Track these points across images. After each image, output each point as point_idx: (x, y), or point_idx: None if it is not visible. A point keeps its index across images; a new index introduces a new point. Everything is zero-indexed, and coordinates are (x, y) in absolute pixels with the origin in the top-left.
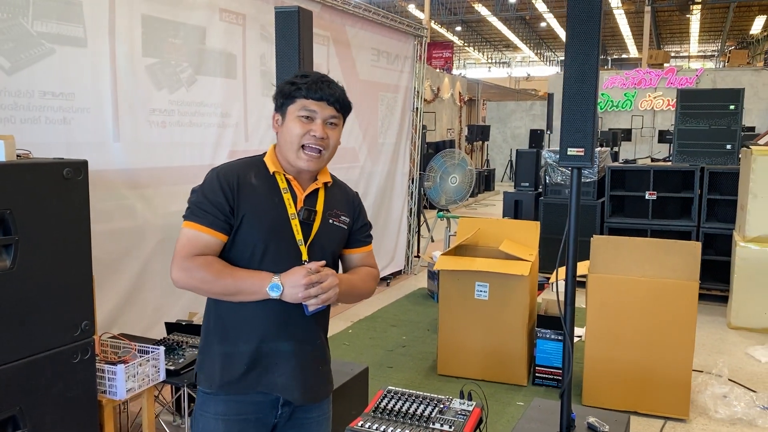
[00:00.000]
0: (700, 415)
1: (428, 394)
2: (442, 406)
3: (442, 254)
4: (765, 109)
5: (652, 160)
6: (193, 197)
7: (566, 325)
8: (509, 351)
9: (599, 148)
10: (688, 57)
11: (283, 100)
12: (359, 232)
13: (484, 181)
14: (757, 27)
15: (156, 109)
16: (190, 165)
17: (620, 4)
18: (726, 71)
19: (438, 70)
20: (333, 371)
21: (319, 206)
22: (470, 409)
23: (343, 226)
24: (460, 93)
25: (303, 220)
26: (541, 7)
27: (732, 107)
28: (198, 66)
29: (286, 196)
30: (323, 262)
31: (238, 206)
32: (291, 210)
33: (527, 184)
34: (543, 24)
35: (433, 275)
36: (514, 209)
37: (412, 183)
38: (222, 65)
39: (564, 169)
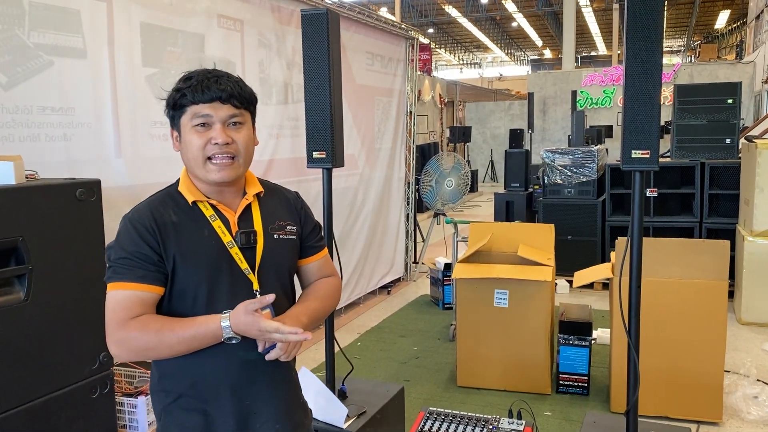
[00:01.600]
0: (732, 417)
1: (472, 414)
2: (491, 426)
3: (458, 262)
4: (746, 102)
5: None
6: (110, 254)
7: (631, 337)
8: (531, 359)
9: (597, 146)
10: None
11: (173, 112)
12: (310, 236)
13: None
14: (721, 21)
15: (157, 122)
16: None
17: (588, 3)
18: (702, 65)
19: (418, 72)
20: (366, 392)
21: (257, 223)
22: (521, 429)
23: (292, 237)
24: (440, 95)
25: (243, 245)
26: (511, 7)
27: (730, 101)
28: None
29: (216, 224)
30: (273, 296)
31: (165, 251)
32: (226, 238)
33: (517, 184)
34: (514, 24)
35: (437, 281)
36: (506, 210)
37: (408, 188)
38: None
39: (563, 169)
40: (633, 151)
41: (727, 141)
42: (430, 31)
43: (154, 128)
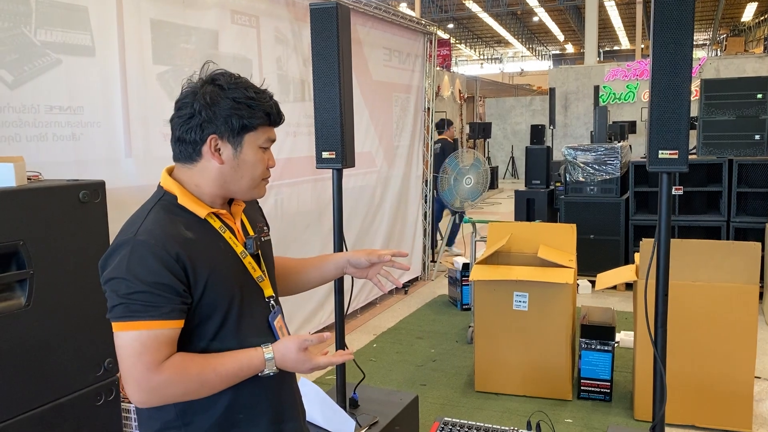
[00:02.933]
0: (763, 426)
1: (489, 426)
2: None
3: (476, 263)
4: None
5: None
6: (118, 287)
7: (657, 348)
8: (552, 364)
9: (620, 143)
10: None
11: (238, 125)
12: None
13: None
14: (748, 14)
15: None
16: None
17: None
18: (729, 59)
19: (437, 67)
20: (379, 401)
21: (249, 229)
22: None
23: (269, 238)
24: (459, 91)
25: (254, 252)
26: (532, 1)
27: (760, 96)
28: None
29: (227, 236)
30: (329, 335)
31: (196, 275)
32: (239, 249)
33: (538, 181)
34: (535, 18)
35: (455, 281)
36: (527, 208)
37: (426, 186)
38: (236, 71)
39: (585, 166)
40: (660, 151)
41: (756, 137)
42: (450, 26)
43: (165, 127)
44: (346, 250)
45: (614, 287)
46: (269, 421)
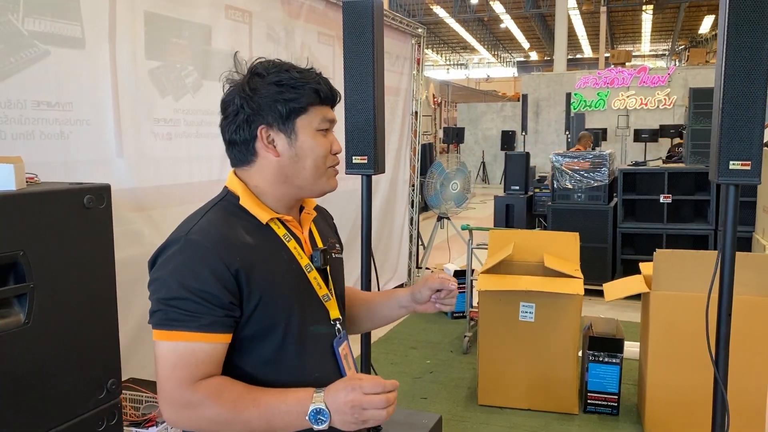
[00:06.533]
0: None
1: None
2: None
3: (482, 272)
4: None
5: (664, 161)
6: (160, 289)
7: (718, 369)
8: (558, 376)
9: (608, 151)
10: (643, 56)
11: (286, 110)
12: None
13: None
14: (706, 27)
15: (161, 119)
16: (198, 181)
17: (576, 5)
18: (696, 69)
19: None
20: (402, 423)
21: (319, 242)
22: None
23: (341, 256)
24: (433, 95)
25: (321, 266)
26: (499, 8)
27: None
28: (204, 69)
29: (292, 245)
30: (396, 382)
31: (250, 286)
32: (304, 261)
33: (517, 187)
34: (501, 26)
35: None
36: (506, 214)
37: (413, 190)
38: (229, 68)
39: (573, 174)
40: (731, 162)
41: None
42: (419, 30)
43: (157, 126)
44: (374, 263)
45: (601, 294)
46: None
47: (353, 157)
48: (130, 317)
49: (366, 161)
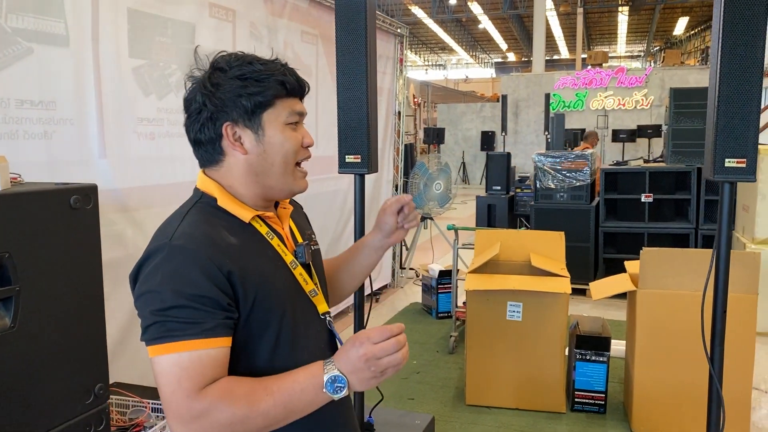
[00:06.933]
0: None
1: None
2: None
3: (468, 272)
4: None
5: (645, 161)
6: (152, 302)
7: (713, 366)
8: (546, 376)
9: (590, 150)
10: (619, 57)
11: (251, 104)
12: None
13: None
14: (680, 28)
15: (144, 119)
16: (181, 182)
17: (554, 7)
18: (673, 70)
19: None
20: (395, 424)
21: (298, 236)
22: None
23: (318, 247)
24: (414, 95)
25: (305, 262)
26: (477, 9)
27: None
28: (187, 68)
29: (275, 243)
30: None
31: (245, 287)
32: (288, 258)
33: (499, 187)
34: (480, 26)
35: (429, 289)
36: (488, 214)
37: (396, 190)
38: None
39: (555, 173)
40: (727, 160)
41: None
42: (399, 30)
43: (140, 126)
44: None
45: (583, 293)
46: None
47: (346, 156)
48: (114, 320)
49: (359, 160)
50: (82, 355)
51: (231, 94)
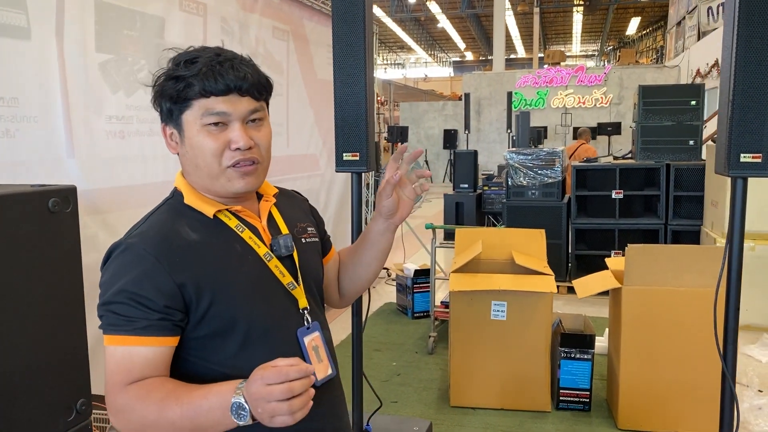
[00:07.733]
0: (741, 429)
1: None
2: None
3: (452, 272)
4: None
5: (615, 158)
6: (105, 296)
7: (726, 365)
8: (531, 375)
9: (561, 147)
10: (574, 57)
11: (170, 105)
12: (325, 235)
13: None
14: (632, 28)
15: (113, 116)
16: (152, 182)
17: (510, 6)
18: (630, 69)
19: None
20: (392, 430)
21: (283, 229)
22: None
23: (316, 239)
24: (377, 94)
25: (282, 255)
26: (435, 8)
27: (693, 103)
28: (156, 64)
29: (246, 235)
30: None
31: (198, 286)
32: (262, 250)
33: (466, 185)
34: (438, 26)
35: (404, 289)
36: (456, 212)
37: (367, 189)
38: None
39: (527, 171)
40: (742, 155)
41: (691, 143)
42: None
43: (109, 124)
44: None
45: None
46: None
47: (344, 154)
48: (89, 328)
49: (358, 158)
50: (62, 369)
51: (157, 95)
